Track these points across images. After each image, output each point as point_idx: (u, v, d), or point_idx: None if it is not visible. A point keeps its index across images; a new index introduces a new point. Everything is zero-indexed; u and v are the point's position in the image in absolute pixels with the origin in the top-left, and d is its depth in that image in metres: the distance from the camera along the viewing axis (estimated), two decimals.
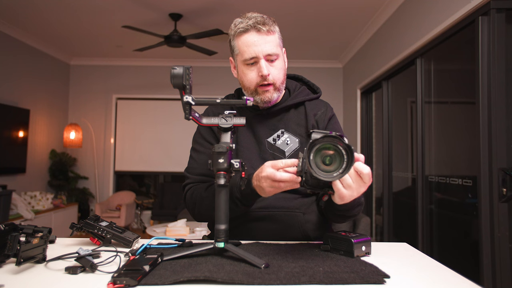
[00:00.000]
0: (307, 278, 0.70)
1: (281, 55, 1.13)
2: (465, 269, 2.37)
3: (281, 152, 1.14)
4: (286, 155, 1.13)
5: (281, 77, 1.13)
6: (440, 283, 0.73)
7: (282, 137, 1.15)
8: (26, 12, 3.94)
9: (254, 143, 1.15)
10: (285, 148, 1.14)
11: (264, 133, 1.16)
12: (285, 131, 1.16)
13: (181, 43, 4.01)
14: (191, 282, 0.69)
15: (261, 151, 1.14)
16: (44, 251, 0.82)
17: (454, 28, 2.46)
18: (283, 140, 1.15)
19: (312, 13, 3.88)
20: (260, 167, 0.93)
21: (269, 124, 1.17)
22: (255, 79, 1.10)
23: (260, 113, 1.17)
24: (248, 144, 1.15)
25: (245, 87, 1.13)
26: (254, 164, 1.11)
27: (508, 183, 1.99)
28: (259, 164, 1.11)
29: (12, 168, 4.45)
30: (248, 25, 1.08)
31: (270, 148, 1.14)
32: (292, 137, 1.15)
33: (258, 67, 1.09)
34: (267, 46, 1.08)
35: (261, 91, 1.11)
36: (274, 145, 1.14)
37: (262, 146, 1.14)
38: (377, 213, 4.20)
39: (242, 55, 1.10)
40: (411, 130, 3.32)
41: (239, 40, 1.10)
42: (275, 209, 1.10)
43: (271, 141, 1.15)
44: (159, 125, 5.78)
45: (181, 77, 0.83)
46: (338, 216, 1.06)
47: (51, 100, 5.32)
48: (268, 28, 1.09)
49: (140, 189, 6.35)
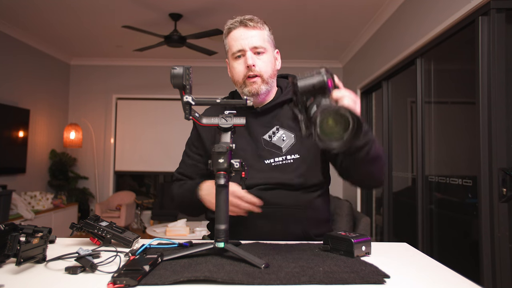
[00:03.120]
0: (307, 278, 0.70)
1: (270, 51, 1.17)
2: (465, 269, 2.37)
3: (277, 148, 1.14)
4: (283, 151, 1.14)
5: (268, 70, 1.15)
6: (440, 283, 0.73)
7: (277, 133, 1.16)
8: (26, 12, 3.95)
9: (250, 141, 1.16)
10: (281, 144, 1.14)
11: (260, 131, 1.17)
12: (280, 128, 1.17)
13: (181, 43, 4.01)
14: (191, 282, 0.69)
15: (257, 149, 1.15)
16: (44, 251, 0.82)
17: (454, 28, 2.46)
18: (279, 137, 1.15)
19: (312, 13, 3.88)
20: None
21: (264, 121, 1.18)
22: (243, 71, 1.13)
23: (254, 111, 1.18)
24: (244, 143, 1.15)
25: (235, 81, 1.17)
26: (251, 163, 1.12)
27: (508, 183, 1.99)
28: (256, 162, 1.12)
29: (12, 168, 4.45)
30: (236, 21, 1.15)
31: (267, 145, 1.15)
32: (287, 133, 1.16)
33: (245, 59, 1.13)
34: (253, 39, 1.13)
35: (249, 82, 1.13)
36: (270, 142, 1.15)
37: (259, 144, 1.15)
38: (377, 213, 4.20)
39: (231, 50, 1.15)
40: (411, 130, 3.32)
41: (228, 37, 1.17)
42: (275, 206, 1.10)
43: (267, 138, 1.15)
44: (159, 125, 5.78)
45: (181, 77, 0.83)
46: (360, 161, 1.01)
47: (51, 100, 5.32)
48: (254, 24, 1.14)
49: (140, 189, 6.36)
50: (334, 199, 3.60)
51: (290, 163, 1.12)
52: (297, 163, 1.12)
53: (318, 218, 1.16)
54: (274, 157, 1.13)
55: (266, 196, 1.09)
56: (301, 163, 1.12)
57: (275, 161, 1.12)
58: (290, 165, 1.12)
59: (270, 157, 1.13)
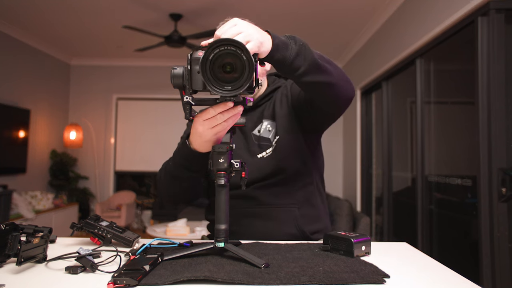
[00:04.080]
0: (307, 278, 0.70)
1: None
2: (465, 269, 2.37)
3: (266, 140, 1.14)
4: (272, 142, 1.13)
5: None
6: (440, 283, 0.73)
7: (263, 125, 1.16)
8: (26, 12, 3.95)
9: (241, 138, 1.17)
10: (268, 135, 1.15)
11: (249, 126, 1.17)
12: (264, 119, 1.17)
13: (181, 43, 4.01)
14: (191, 282, 0.69)
15: (248, 145, 1.15)
16: (45, 250, 0.83)
17: (453, 28, 2.46)
18: (265, 128, 1.16)
19: (311, 13, 3.88)
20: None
21: (253, 116, 1.19)
22: None
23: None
24: (237, 141, 1.16)
25: None
26: (245, 159, 1.12)
27: (508, 183, 1.99)
28: (248, 158, 1.13)
29: (13, 168, 4.45)
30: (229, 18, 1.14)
31: (257, 140, 1.15)
32: (271, 122, 1.16)
33: None
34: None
35: None
36: (260, 136, 1.15)
37: (249, 140, 1.16)
38: (377, 213, 4.20)
39: None
40: (411, 130, 3.32)
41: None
42: (270, 205, 1.11)
43: (256, 133, 1.16)
44: (160, 125, 5.78)
45: (181, 77, 0.83)
46: (309, 84, 0.93)
47: (52, 100, 5.32)
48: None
49: (140, 189, 6.35)
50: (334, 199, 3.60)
51: (275, 147, 1.12)
52: (280, 142, 1.12)
53: (314, 215, 1.16)
54: (265, 150, 1.13)
55: (258, 195, 1.10)
56: (283, 140, 1.12)
57: (267, 153, 1.13)
58: (276, 149, 1.12)
59: (261, 150, 1.13)
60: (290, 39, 0.87)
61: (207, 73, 0.74)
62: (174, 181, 1.06)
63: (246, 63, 0.73)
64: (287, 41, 0.86)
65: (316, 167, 1.20)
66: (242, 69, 0.74)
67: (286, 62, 0.85)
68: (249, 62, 0.73)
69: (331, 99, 1.00)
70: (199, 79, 0.79)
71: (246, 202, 1.11)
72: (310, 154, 1.18)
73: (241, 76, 0.74)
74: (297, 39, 0.88)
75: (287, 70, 0.88)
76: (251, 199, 1.11)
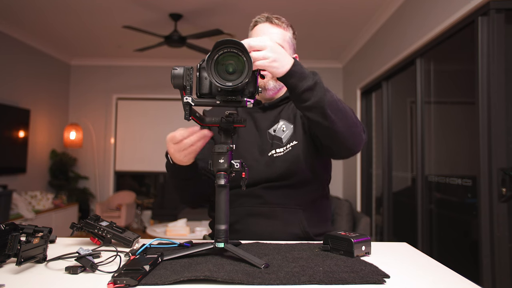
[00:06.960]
0: (307, 278, 0.70)
1: (288, 53, 1.15)
2: (465, 269, 2.37)
3: (278, 139, 1.15)
4: (283, 141, 1.14)
5: None
6: (440, 283, 0.73)
7: (279, 125, 1.17)
8: (26, 12, 3.95)
9: (256, 135, 1.18)
10: (281, 135, 1.16)
11: (266, 125, 1.19)
12: (281, 119, 1.18)
13: (181, 43, 4.01)
14: (191, 281, 0.69)
15: (262, 143, 1.16)
16: (45, 251, 0.83)
17: (453, 28, 2.46)
18: (280, 128, 1.17)
19: (312, 13, 3.88)
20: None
21: (271, 116, 1.20)
22: None
23: (262, 106, 1.20)
24: (249, 136, 1.17)
25: None
26: (253, 155, 1.14)
27: (508, 183, 1.99)
28: (258, 155, 1.13)
29: (13, 168, 4.45)
30: (263, 16, 1.18)
31: (271, 139, 1.16)
32: (287, 124, 1.17)
33: None
34: (274, 36, 1.15)
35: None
36: (274, 135, 1.16)
37: (263, 138, 1.17)
38: (377, 213, 4.20)
39: None
40: (411, 130, 3.32)
41: (252, 30, 1.19)
42: (274, 205, 1.11)
43: (272, 132, 1.17)
44: (160, 125, 5.78)
45: (181, 77, 0.83)
46: (312, 122, 0.95)
47: (52, 100, 5.32)
48: (280, 22, 1.17)
49: (140, 189, 6.36)
50: (334, 199, 3.60)
51: (289, 150, 1.13)
52: (296, 149, 1.13)
53: (318, 218, 1.16)
54: (275, 148, 1.14)
55: (265, 194, 1.10)
56: (300, 149, 1.13)
57: (277, 152, 1.13)
58: (289, 152, 1.12)
59: (272, 149, 1.14)
60: (311, 74, 0.92)
61: (211, 71, 0.80)
62: (177, 187, 1.11)
63: (246, 63, 0.80)
64: (307, 73, 0.91)
65: (325, 174, 1.22)
66: (242, 69, 0.80)
67: (297, 91, 0.90)
68: (249, 63, 0.79)
69: (332, 143, 1.01)
70: (206, 84, 0.87)
71: (253, 200, 1.12)
72: (323, 164, 1.19)
73: (241, 76, 0.80)
74: (317, 77, 0.91)
75: (296, 98, 0.92)
76: (258, 198, 1.12)
